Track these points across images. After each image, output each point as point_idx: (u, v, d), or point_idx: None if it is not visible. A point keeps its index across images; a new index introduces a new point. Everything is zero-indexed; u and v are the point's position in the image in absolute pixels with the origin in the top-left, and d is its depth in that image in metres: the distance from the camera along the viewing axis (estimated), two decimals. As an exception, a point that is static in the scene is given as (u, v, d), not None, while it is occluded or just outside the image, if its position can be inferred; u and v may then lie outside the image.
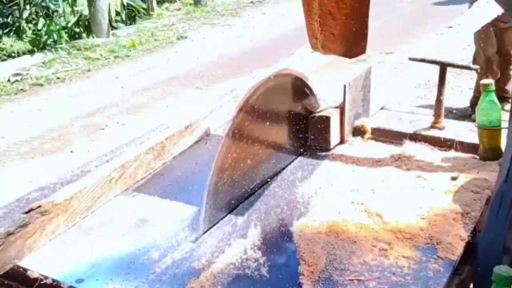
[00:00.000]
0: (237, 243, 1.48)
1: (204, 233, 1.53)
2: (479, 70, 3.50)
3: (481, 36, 4.29)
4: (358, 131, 2.10)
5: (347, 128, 2.05)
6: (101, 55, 7.50)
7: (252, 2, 10.78)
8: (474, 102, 4.46)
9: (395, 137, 2.06)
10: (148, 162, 1.86)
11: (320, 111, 2.01)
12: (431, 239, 1.45)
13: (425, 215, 1.56)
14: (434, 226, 1.50)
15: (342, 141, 2.05)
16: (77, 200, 1.61)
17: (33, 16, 8.19)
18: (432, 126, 2.07)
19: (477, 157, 1.89)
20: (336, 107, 2.02)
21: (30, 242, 1.48)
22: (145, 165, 1.85)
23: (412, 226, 1.50)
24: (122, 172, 1.76)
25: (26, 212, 1.49)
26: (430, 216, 1.55)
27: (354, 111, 2.07)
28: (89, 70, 6.96)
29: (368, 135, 2.09)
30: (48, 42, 7.79)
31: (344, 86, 1.97)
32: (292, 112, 1.91)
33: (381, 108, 2.30)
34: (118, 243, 1.51)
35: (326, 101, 2.11)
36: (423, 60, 2.17)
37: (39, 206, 1.51)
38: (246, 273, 1.36)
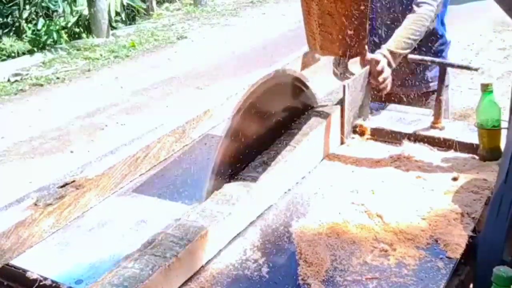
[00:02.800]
0: (237, 243, 1.48)
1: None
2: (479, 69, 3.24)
3: None
4: (358, 131, 2.10)
5: (347, 128, 2.04)
6: (101, 55, 7.50)
7: (252, 2, 10.79)
8: None
9: (394, 137, 2.05)
10: (170, 144, 1.99)
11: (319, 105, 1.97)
12: (432, 240, 1.45)
13: (425, 215, 1.55)
14: (435, 227, 1.50)
15: (341, 142, 2.04)
16: (107, 177, 1.73)
17: (33, 16, 8.20)
18: (432, 126, 2.06)
19: (477, 157, 1.89)
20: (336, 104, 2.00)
21: (65, 213, 1.60)
22: (167, 147, 1.98)
23: (413, 226, 1.50)
24: (147, 153, 1.88)
25: (62, 186, 1.61)
26: (431, 216, 1.55)
27: (354, 111, 2.06)
28: (89, 70, 6.96)
29: (367, 135, 2.09)
30: (48, 42, 7.80)
31: (344, 86, 1.96)
32: (291, 113, 1.91)
33: (381, 108, 2.30)
34: (118, 244, 1.50)
35: (325, 101, 2.11)
36: (422, 60, 2.17)
37: (73, 181, 1.64)
38: (245, 274, 1.36)
